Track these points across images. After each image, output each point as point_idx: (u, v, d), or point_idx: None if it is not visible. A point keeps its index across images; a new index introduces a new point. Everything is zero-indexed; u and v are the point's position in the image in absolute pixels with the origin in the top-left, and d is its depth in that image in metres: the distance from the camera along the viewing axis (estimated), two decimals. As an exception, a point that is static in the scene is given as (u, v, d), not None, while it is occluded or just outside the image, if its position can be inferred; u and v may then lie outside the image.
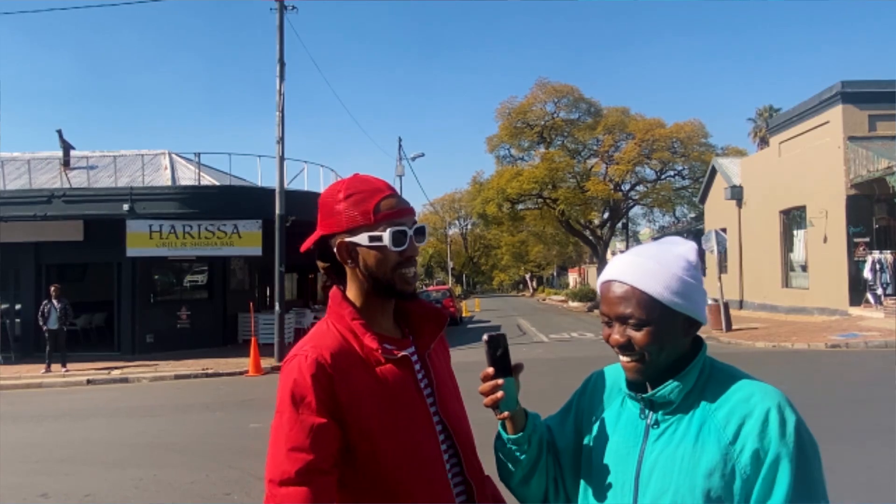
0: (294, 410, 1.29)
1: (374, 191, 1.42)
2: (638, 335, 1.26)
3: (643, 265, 1.29)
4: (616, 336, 1.29)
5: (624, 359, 1.30)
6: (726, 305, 18.37)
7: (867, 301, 17.94)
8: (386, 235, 1.39)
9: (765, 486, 1.19)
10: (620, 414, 1.37)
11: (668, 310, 1.26)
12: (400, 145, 33.59)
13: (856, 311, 18.14)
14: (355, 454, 1.34)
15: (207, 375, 13.96)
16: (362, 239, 1.40)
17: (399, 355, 1.41)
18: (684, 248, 1.32)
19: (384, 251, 1.40)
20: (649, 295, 1.26)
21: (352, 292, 1.47)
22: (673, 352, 1.29)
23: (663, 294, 1.25)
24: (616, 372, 1.44)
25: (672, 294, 1.26)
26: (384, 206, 1.41)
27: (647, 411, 1.33)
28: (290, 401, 1.30)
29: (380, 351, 1.38)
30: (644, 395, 1.31)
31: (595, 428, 1.40)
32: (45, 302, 14.92)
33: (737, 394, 1.26)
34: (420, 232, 1.46)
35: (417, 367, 1.46)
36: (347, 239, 1.41)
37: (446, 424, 1.44)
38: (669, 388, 1.28)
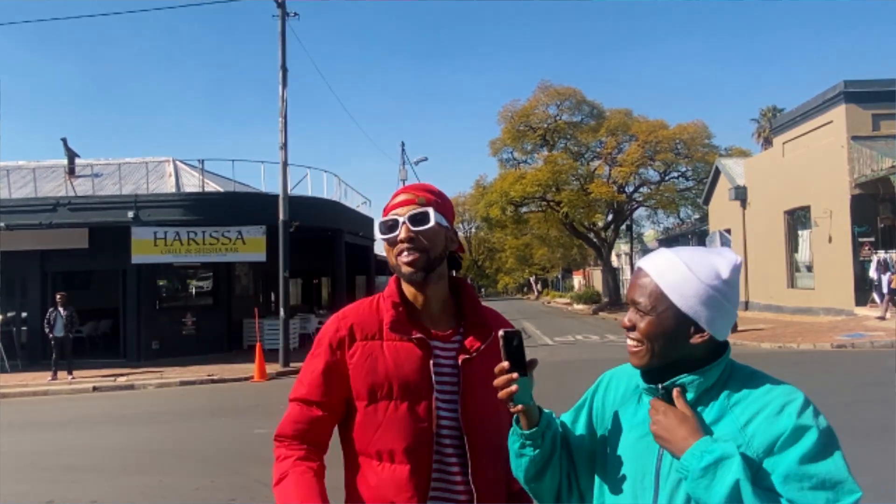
0: (311, 355, 1.67)
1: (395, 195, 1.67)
2: (641, 322, 1.32)
3: (671, 263, 1.32)
4: (625, 319, 1.37)
5: (629, 342, 1.36)
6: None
7: (873, 301, 17.87)
8: (377, 230, 1.64)
9: (785, 444, 1.20)
10: (638, 411, 1.39)
11: (676, 309, 1.29)
12: (403, 150, 33.62)
13: (861, 311, 18.08)
14: (351, 410, 1.62)
15: (213, 381, 13.97)
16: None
17: (413, 336, 1.59)
18: (722, 262, 1.31)
19: (385, 242, 1.63)
20: (661, 290, 1.30)
21: (403, 283, 1.68)
22: (674, 351, 1.30)
23: (673, 293, 1.29)
24: (632, 370, 1.46)
25: (684, 297, 1.28)
26: (390, 204, 1.65)
27: None
28: (314, 347, 1.67)
29: (388, 327, 1.60)
30: (664, 384, 1.32)
31: (611, 425, 1.43)
32: (52, 310, 14.96)
33: (756, 390, 1.29)
34: (414, 218, 1.60)
35: (450, 362, 1.60)
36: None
37: (465, 428, 1.56)
38: (689, 378, 1.30)
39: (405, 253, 1.59)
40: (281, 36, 16.92)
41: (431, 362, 1.57)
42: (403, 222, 1.59)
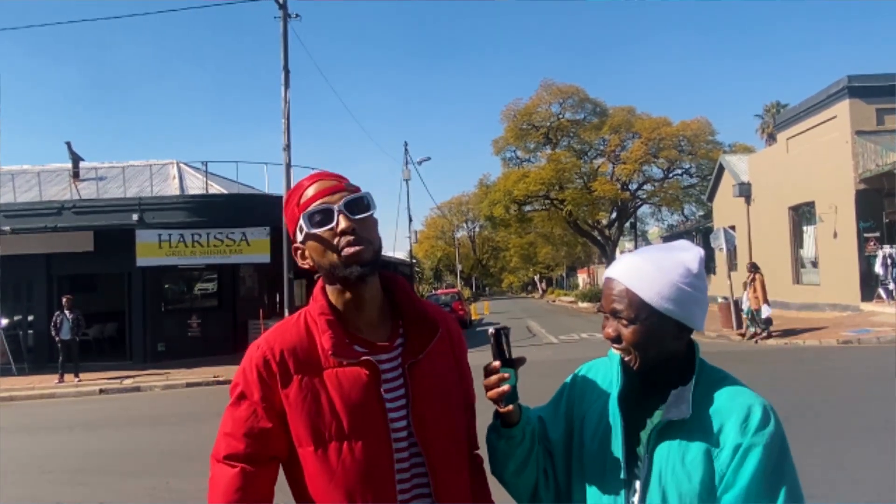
0: (237, 399, 1.37)
1: (297, 187, 1.42)
2: (626, 332, 1.33)
3: (642, 269, 1.34)
4: (608, 330, 1.36)
5: (615, 349, 1.39)
6: (737, 303, 18.26)
7: (879, 296, 17.79)
8: (302, 222, 1.36)
9: (732, 471, 1.25)
10: (611, 405, 1.40)
11: (657, 313, 1.31)
12: (406, 150, 33.73)
13: (867, 306, 18.00)
14: (293, 459, 1.36)
15: (219, 383, 14.00)
16: (299, 237, 1.40)
17: (359, 359, 1.35)
18: (688, 256, 1.34)
19: (315, 238, 1.36)
20: (641, 298, 1.31)
21: (328, 289, 1.43)
22: (661, 351, 1.34)
23: (653, 299, 1.30)
24: (606, 365, 1.48)
25: (663, 300, 1.30)
26: (305, 196, 1.39)
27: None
28: (235, 390, 1.38)
29: (331, 352, 1.33)
30: (656, 424, 1.32)
31: (586, 419, 1.44)
32: (58, 313, 15.02)
33: (722, 396, 1.32)
34: (351, 204, 1.36)
35: (394, 374, 1.38)
36: (296, 243, 1.41)
37: (420, 442, 1.36)
38: (676, 412, 1.31)
39: (348, 246, 1.34)
40: (283, 37, 16.97)
41: (382, 386, 1.35)
42: (339, 210, 1.34)
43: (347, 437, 1.31)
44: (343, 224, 1.34)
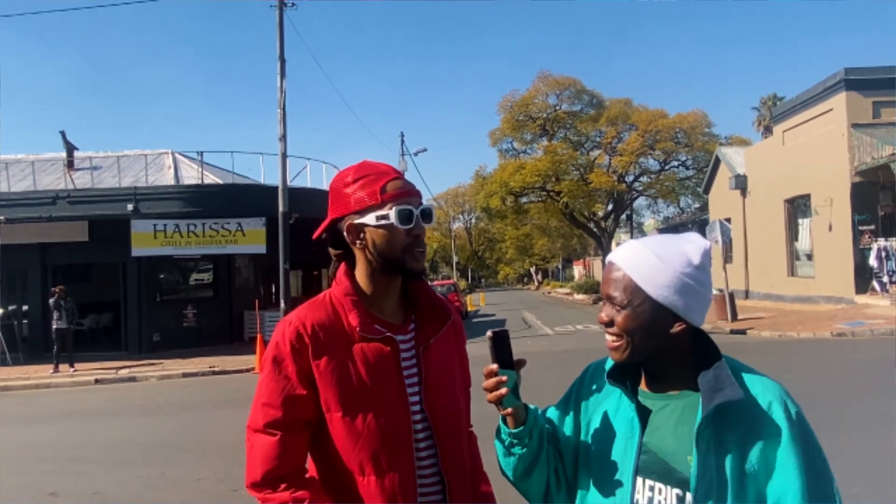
0: (272, 371, 1.47)
1: (381, 173, 1.52)
2: (618, 317, 1.30)
3: (643, 256, 1.30)
4: (602, 314, 1.34)
5: (608, 337, 1.34)
6: (731, 295, 18.33)
7: (873, 289, 17.87)
8: (392, 214, 1.47)
9: (777, 477, 1.20)
10: (620, 404, 1.38)
11: (651, 300, 1.27)
12: (402, 140, 33.53)
13: (862, 299, 18.08)
14: (320, 425, 1.47)
15: (214, 373, 14.01)
16: (370, 219, 1.48)
17: (382, 336, 1.49)
18: (691, 247, 1.30)
19: (391, 229, 1.48)
20: (636, 283, 1.28)
21: (358, 272, 1.56)
22: (654, 342, 1.29)
23: (648, 285, 1.27)
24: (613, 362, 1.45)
25: (658, 287, 1.27)
26: (391, 187, 1.49)
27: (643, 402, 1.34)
28: (271, 361, 1.48)
29: (359, 328, 1.47)
30: (707, 414, 1.24)
31: (594, 418, 1.41)
32: (53, 299, 14.94)
33: (743, 386, 1.27)
34: (426, 213, 1.52)
35: (409, 354, 1.53)
36: (357, 220, 1.50)
37: (430, 417, 1.51)
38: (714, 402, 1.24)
39: (418, 252, 1.51)
40: (279, 26, 16.88)
41: (410, 363, 1.52)
42: (418, 216, 1.50)
43: (372, 403, 1.45)
44: (419, 230, 1.50)
